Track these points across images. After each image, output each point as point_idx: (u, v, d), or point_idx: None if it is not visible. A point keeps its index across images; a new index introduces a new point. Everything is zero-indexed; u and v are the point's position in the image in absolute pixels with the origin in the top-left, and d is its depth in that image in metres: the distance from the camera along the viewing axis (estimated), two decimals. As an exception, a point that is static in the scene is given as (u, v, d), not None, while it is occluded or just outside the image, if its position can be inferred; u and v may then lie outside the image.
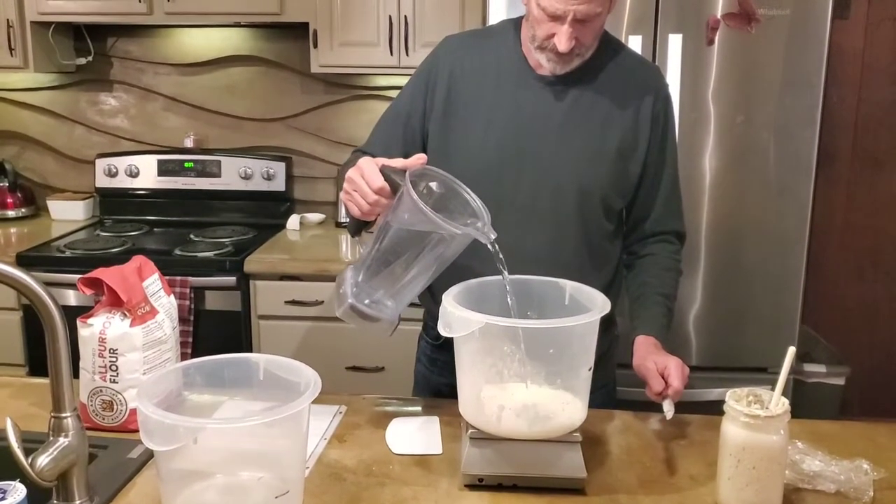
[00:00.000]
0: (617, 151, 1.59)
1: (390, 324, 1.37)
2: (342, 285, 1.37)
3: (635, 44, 2.48)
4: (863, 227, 3.43)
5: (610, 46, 1.63)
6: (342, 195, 1.43)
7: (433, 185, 1.35)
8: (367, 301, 1.35)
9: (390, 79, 3.28)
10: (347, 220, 1.51)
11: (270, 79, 3.44)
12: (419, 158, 1.37)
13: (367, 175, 1.35)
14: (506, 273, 1.32)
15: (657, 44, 2.51)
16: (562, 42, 1.48)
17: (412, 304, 1.67)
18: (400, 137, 1.66)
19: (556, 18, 1.47)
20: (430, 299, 1.67)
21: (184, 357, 1.27)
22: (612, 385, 1.80)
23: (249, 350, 2.85)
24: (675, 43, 2.48)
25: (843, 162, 3.38)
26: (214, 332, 2.85)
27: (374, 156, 1.42)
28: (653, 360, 1.47)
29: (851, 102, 3.33)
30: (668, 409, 1.41)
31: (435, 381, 1.77)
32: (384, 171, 1.34)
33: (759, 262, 2.64)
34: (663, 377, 1.43)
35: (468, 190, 1.35)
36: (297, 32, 3.23)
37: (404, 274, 1.35)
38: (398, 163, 1.36)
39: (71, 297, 2.77)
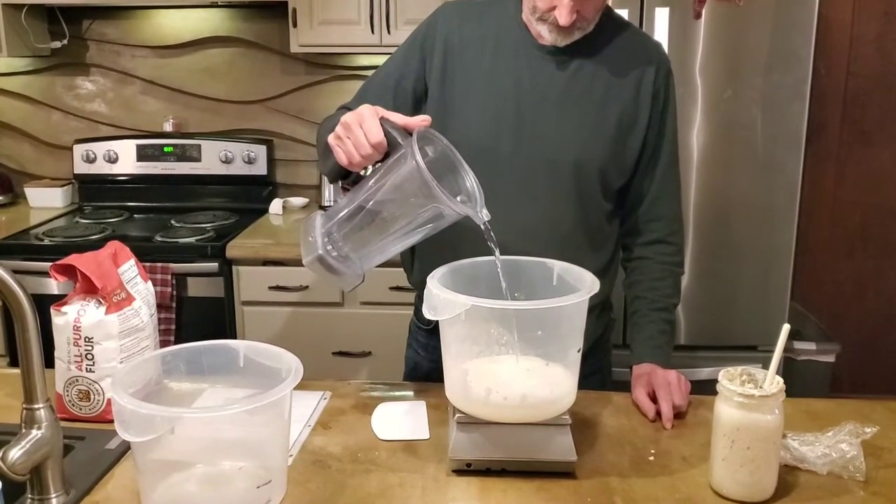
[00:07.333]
0: (616, 125, 1.56)
1: (355, 279, 1.31)
2: (311, 232, 1.29)
3: (621, 18, 2.44)
4: (852, 202, 3.42)
5: (613, 20, 1.60)
6: (331, 138, 1.33)
7: (428, 149, 1.27)
8: (335, 254, 1.28)
9: (372, 58, 3.23)
10: (325, 163, 1.42)
11: (250, 60, 3.38)
12: (424, 119, 1.29)
13: (366, 125, 1.26)
14: (497, 253, 1.28)
15: (644, 17, 2.47)
16: (563, 16, 1.44)
17: (401, 289, 1.64)
18: (390, 100, 1.58)
19: None
20: (423, 283, 1.63)
21: (167, 345, 1.23)
22: (608, 369, 1.77)
23: (234, 337, 2.81)
24: (661, 16, 2.45)
25: (833, 136, 3.36)
26: (198, 319, 2.81)
27: None
28: (640, 389, 1.47)
29: (840, 75, 3.30)
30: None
31: (427, 367, 1.73)
32: (384, 124, 1.26)
33: (748, 239, 2.62)
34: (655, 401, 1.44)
35: (465, 165, 1.29)
36: (276, 11, 3.17)
37: (382, 238, 1.28)
38: (398, 118, 1.28)
39: (52, 286, 2.71)
